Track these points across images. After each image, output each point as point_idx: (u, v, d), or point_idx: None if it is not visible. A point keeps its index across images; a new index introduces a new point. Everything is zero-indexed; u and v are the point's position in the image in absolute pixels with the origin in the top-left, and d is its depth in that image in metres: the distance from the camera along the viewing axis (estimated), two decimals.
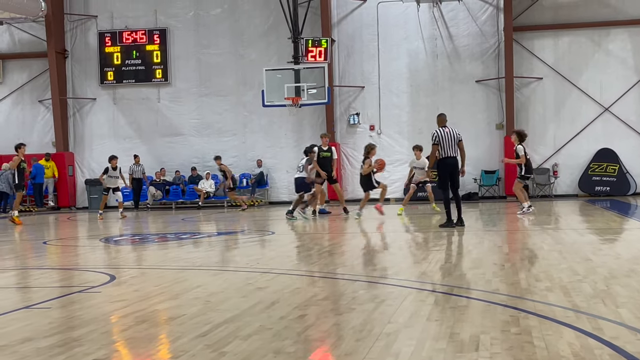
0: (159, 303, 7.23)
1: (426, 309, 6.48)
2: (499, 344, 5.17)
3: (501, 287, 7.51)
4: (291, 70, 23.75)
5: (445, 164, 15.06)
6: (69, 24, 30.05)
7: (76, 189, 30.02)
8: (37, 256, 12.81)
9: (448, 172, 15.11)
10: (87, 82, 30.10)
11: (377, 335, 5.52)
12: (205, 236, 15.84)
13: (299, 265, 10.25)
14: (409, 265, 9.80)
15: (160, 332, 6.08)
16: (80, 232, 19.22)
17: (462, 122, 25.02)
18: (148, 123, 29.78)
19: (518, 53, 27.42)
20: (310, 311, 6.56)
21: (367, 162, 19.29)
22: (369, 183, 19.45)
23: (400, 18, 28.11)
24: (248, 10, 28.98)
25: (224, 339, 5.53)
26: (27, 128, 30.33)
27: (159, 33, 29.36)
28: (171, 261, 11.40)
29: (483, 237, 13.50)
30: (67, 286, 8.90)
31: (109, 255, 12.46)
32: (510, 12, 27.03)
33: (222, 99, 29.22)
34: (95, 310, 6.93)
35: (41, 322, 6.41)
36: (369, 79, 28.42)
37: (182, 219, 21.88)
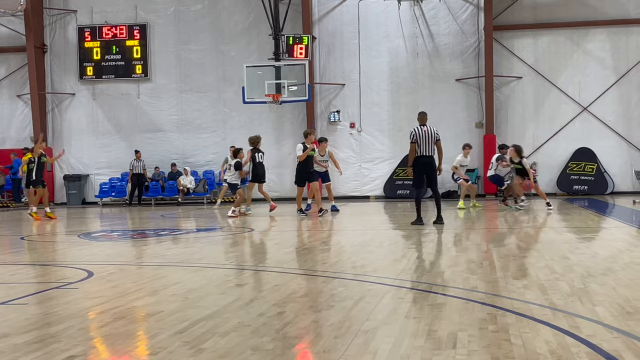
0: (137, 299, 7.21)
1: (404, 307, 6.50)
2: (476, 341, 5.19)
3: (479, 285, 7.54)
4: (272, 67, 23.74)
5: (421, 162, 15.12)
6: (48, 19, 29.84)
7: (54, 184, 29.83)
8: (14, 252, 12.72)
9: (424, 171, 15.19)
10: (66, 77, 29.91)
11: (356, 333, 5.53)
12: (184, 233, 15.80)
13: (278, 262, 10.24)
14: (388, 263, 9.82)
15: (138, 328, 6.06)
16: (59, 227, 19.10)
17: (442, 121, 25.12)
18: (128, 119, 29.64)
19: (498, 52, 27.55)
20: (289, 308, 6.56)
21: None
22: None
23: (381, 16, 28.15)
24: (228, 7, 28.91)
25: (202, 336, 5.52)
26: (5, 123, 30.11)
27: (139, 28, 29.22)
28: (150, 257, 11.36)
29: (461, 235, 13.55)
30: (44, 282, 8.85)
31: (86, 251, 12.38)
32: (490, 12, 27.15)
33: (202, 95, 29.13)
34: (73, 307, 6.89)
35: (18, 318, 6.37)
36: (349, 76, 28.45)
37: (161, 216, 21.80)
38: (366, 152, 28.43)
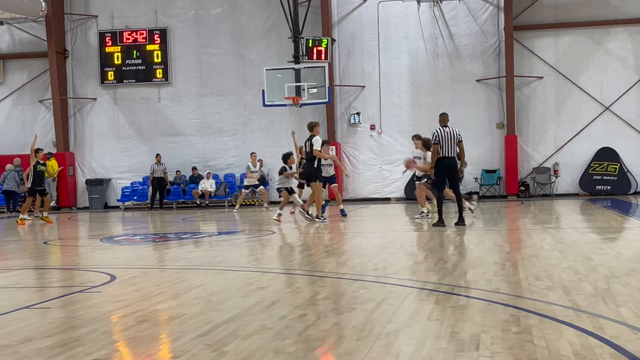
0: (160, 303, 7.23)
1: (427, 308, 6.47)
2: (499, 343, 5.16)
3: (502, 286, 7.50)
4: (292, 69, 23.74)
5: (444, 164, 15.06)
6: (69, 24, 30.04)
7: (77, 188, 30.01)
8: (38, 256, 12.81)
9: (446, 172, 15.12)
10: (87, 82, 30.09)
11: (378, 335, 5.52)
12: (205, 236, 15.84)
13: (299, 265, 10.24)
14: (410, 265, 9.79)
15: (160, 331, 6.08)
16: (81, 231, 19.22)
17: (462, 121, 25.00)
18: (149, 123, 29.78)
19: (518, 52, 27.42)
20: (311, 310, 6.55)
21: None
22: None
23: (401, 17, 28.11)
24: (248, 10, 28.98)
25: (225, 339, 5.53)
26: (27, 128, 30.33)
27: (159, 33, 29.35)
28: (172, 261, 11.40)
29: (484, 236, 13.49)
30: (68, 286, 8.90)
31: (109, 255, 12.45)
32: (511, 12, 27.03)
33: (223, 99, 29.21)
34: (96, 310, 6.92)
35: (41, 322, 6.41)
36: (369, 78, 28.42)
37: (182, 219, 21.87)
38: (387, 153, 28.38)
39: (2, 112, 30.46)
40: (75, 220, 23.64)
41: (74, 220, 23.64)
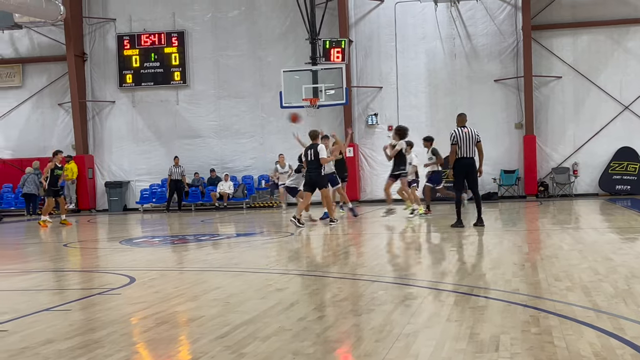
0: (179, 305, 7.26)
1: (446, 310, 6.46)
2: (519, 344, 5.14)
3: (521, 287, 7.48)
4: (309, 71, 23.74)
5: (462, 164, 15.01)
6: (88, 27, 30.20)
7: (96, 191, 30.16)
8: (57, 259, 12.89)
9: (464, 172, 15.07)
10: (106, 85, 30.24)
11: (397, 336, 5.51)
12: (224, 238, 15.88)
13: (318, 266, 10.25)
14: (428, 266, 9.77)
15: (180, 333, 6.10)
16: (100, 234, 19.32)
17: (481, 122, 24.88)
18: (167, 125, 29.88)
19: (537, 52, 27.29)
20: (329, 312, 6.56)
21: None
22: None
23: (418, 18, 28.04)
24: (265, 12, 29.01)
25: (243, 340, 5.54)
26: (47, 131, 30.52)
27: (177, 35, 29.45)
28: (190, 263, 11.44)
29: (502, 237, 13.44)
30: (88, 288, 8.95)
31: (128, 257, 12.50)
32: (529, 11, 26.90)
33: (240, 101, 29.26)
34: (115, 312, 6.96)
35: (62, 324, 6.45)
36: (386, 79, 28.37)
37: (201, 221, 21.93)
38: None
39: (22, 115, 30.65)
40: (94, 222, 23.77)
41: (94, 222, 23.77)
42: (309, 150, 17.39)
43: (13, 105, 30.55)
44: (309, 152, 17.35)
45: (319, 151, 17.19)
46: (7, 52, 30.74)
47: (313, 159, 17.22)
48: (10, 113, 30.58)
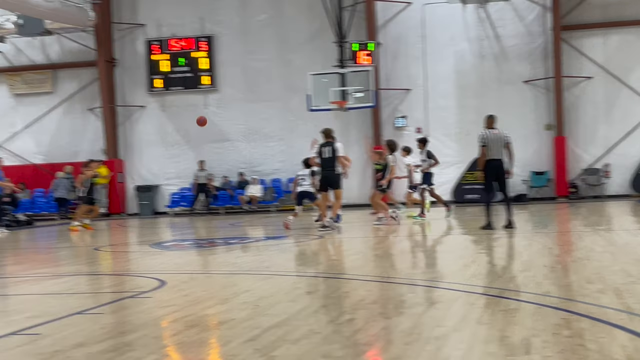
0: (209, 308, 7.29)
1: (476, 312, 6.42)
2: (550, 347, 5.10)
3: (552, 290, 7.41)
4: (337, 74, 23.77)
5: (491, 166, 14.93)
6: (117, 33, 30.44)
7: (126, 195, 30.39)
8: (88, 262, 13.00)
9: (494, 174, 14.98)
10: (135, 90, 30.46)
11: (427, 339, 5.49)
12: (253, 241, 15.91)
13: (347, 269, 10.24)
14: (458, 268, 9.73)
15: (210, 336, 6.13)
16: (131, 238, 19.46)
17: (510, 123, 24.69)
18: (196, 129, 29.87)
19: (566, 52, 27.07)
20: (359, 315, 6.55)
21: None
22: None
23: (446, 19, 27.93)
24: (293, 16, 29.06)
25: (273, 343, 5.55)
26: (77, 136, 30.80)
27: (205, 40, 29.59)
28: (220, 266, 11.48)
29: (533, 239, 13.34)
30: (118, 292, 9.01)
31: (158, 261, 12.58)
32: (558, 11, 26.70)
33: (269, 104, 29.32)
34: (146, 315, 7.00)
35: (93, 327, 6.50)
36: (415, 81, 28.29)
37: (230, 224, 22.01)
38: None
39: (53, 121, 30.97)
40: (125, 226, 23.95)
41: (124, 226, 23.95)
42: (324, 147, 16.81)
43: (44, 110, 30.87)
44: (324, 149, 16.77)
45: (337, 149, 16.75)
46: (38, 58, 31.09)
47: (330, 156, 16.70)
48: (42, 119, 30.92)
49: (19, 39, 30.38)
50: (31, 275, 11.02)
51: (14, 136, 30.97)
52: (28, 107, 31.10)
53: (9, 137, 30.98)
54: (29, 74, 30.91)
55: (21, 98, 31.16)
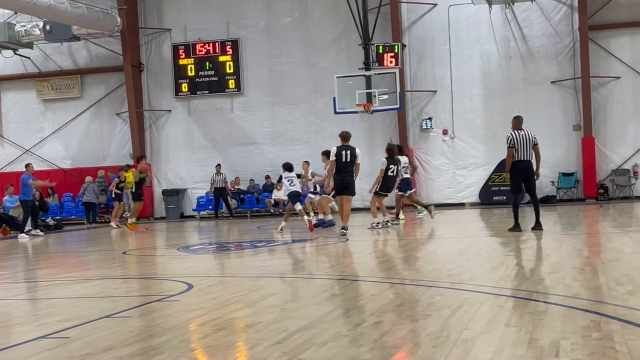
0: (236, 311, 7.30)
1: (504, 315, 6.38)
2: (579, 349, 5.05)
3: (581, 292, 7.35)
4: (362, 76, 23.75)
5: (519, 167, 14.83)
6: (144, 38, 30.65)
7: (153, 199, 30.57)
8: (117, 266, 13.09)
9: (522, 176, 14.89)
10: (162, 94, 30.65)
11: (454, 342, 5.46)
12: (280, 244, 15.93)
13: (373, 272, 10.22)
14: (486, 271, 9.67)
15: (237, 339, 6.14)
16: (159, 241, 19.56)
17: (538, 124, 24.61)
18: (222, 133, 30.14)
19: (594, 52, 26.85)
20: (386, 318, 6.53)
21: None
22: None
23: (472, 20, 27.83)
24: (318, 18, 29.10)
25: (300, 346, 5.55)
26: (105, 141, 31.06)
27: (231, 44, 29.71)
28: (247, 269, 11.50)
29: (562, 240, 13.24)
30: (147, 295, 9.06)
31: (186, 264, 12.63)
32: (585, 11, 26.49)
33: (294, 107, 29.37)
34: (174, 319, 7.03)
35: (122, 330, 6.54)
36: (441, 82, 28.21)
37: (257, 227, 22.05)
38: (460, 158, 28.11)
39: (81, 125, 31.24)
40: (152, 230, 24.08)
41: (152, 230, 24.08)
42: (344, 151, 16.42)
43: (72, 115, 31.17)
44: (344, 153, 16.38)
45: (357, 155, 16.47)
46: (66, 63, 31.39)
47: (349, 160, 16.39)
48: (70, 123, 31.21)
49: (47, 45, 30.71)
50: (61, 279, 11.12)
51: (42, 141, 31.29)
52: (56, 112, 31.43)
53: (37, 142, 31.30)
54: (57, 79, 31.24)
55: (49, 103, 31.49)
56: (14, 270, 13.63)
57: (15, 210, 25.46)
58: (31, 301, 9.28)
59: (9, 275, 12.65)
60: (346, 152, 16.36)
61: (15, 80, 31.64)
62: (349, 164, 16.37)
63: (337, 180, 16.46)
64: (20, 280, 11.61)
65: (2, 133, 31.77)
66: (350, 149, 16.45)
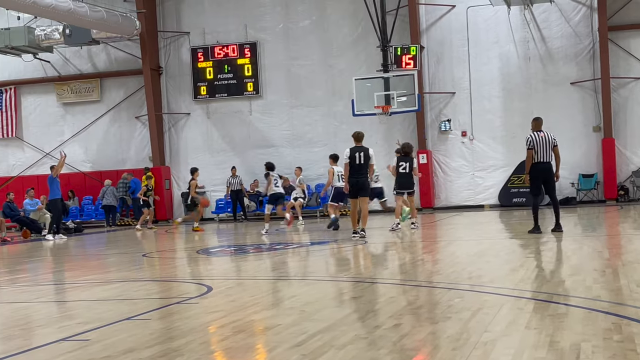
0: (255, 313, 7.32)
1: (524, 317, 6.35)
2: (601, 352, 5.02)
3: (602, 294, 7.30)
4: (380, 78, 23.72)
5: (539, 169, 14.76)
6: (163, 41, 30.78)
7: (173, 202, 30.67)
8: (136, 268, 13.14)
9: (541, 177, 14.82)
10: (181, 98, 30.75)
11: (474, 344, 5.44)
12: (298, 246, 15.94)
13: (392, 274, 10.20)
14: (506, 273, 9.63)
15: (256, 342, 6.15)
16: (178, 244, 19.63)
17: (558, 125, 24.44)
18: (241, 136, 30.19)
19: (614, 53, 26.67)
20: (405, 320, 6.52)
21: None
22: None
23: (491, 22, 27.73)
24: (336, 21, 29.09)
25: (320, 349, 5.55)
26: (124, 144, 31.19)
27: (249, 47, 29.77)
28: (266, 271, 11.52)
29: (582, 242, 13.16)
30: (166, 297, 9.10)
31: (205, 267, 12.67)
32: (605, 12, 26.31)
33: (313, 110, 29.39)
34: (194, 321, 7.05)
35: (142, 333, 6.57)
36: (459, 84, 28.12)
37: (275, 230, 22.08)
38: (479, 160, 28.01)
39: (100, 129, 31.40)
40: (171, 232, 24.16)
41: (171, 232, 24.17)
42: (357, 152, 16.20)
43: (92, 119, 31.33)
44: (357, 155, 16.15)
45: (371, 156, 16.26)
46: (85, 67, 31.57)
47: (363, 162, 16.14)
48: (89, 127, 31.37)
49: (66, 49, 30.92)
50: (81, 282, 11.19)
51: (62, 144, 31.47)
52: (76, 115, 31.62)
53: (57, 146, 31.48)
54: (76, 83, 31.42)
55: (69, 107, 31.68)
56: (35, 272, 13.74)
57: (36, 213, 25.66)
58: (52, 304, 9.34)
59: (30, 277, 12.75)
60: (359, 154, 16.14)
61: (36, 84, 31.85)
62: (362, 165, 16.15)
63: (351, 183, 16.26)
64: (41, 282, 11.69)
65: (23, 136, 32.00)
66: (363, 150, 16.23)
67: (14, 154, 32.23)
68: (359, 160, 16.08)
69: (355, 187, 16.21)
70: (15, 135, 31.90)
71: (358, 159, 16.10)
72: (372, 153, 16.36)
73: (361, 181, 16.18)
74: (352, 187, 16.27)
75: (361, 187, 16.21)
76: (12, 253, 19.05)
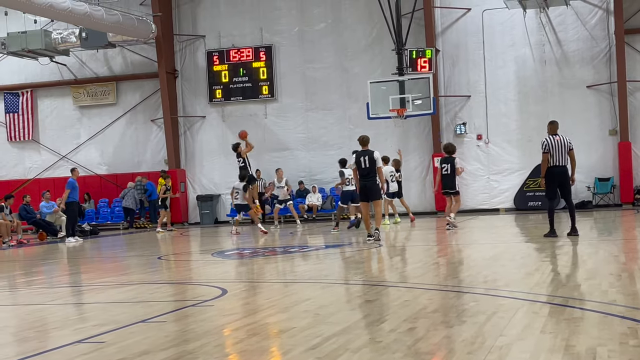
0: (270, 316, 7.32)
1: (540, 321, 6.33)
2: (616, 356, 5.00)
3: (618, 298, 7.26)
4: (396, 81, 23.71)
5: (555, 172, 14.71)
6: (178, 45, 30.87)
7: (188, 204, 30.74)
8: (152, 271, 13.18)
9: (557, 181, 14.76)
10: (196, 101, 30.83)
11: (489, 348, 5.43)
12: (313, 249, 15.94)
13: (407, 278, 10.18)
14: (521, 277, 9.59)
15: (271, 345, 6.15)
16: (193, 247, 19.68)
17: (574, 129, 24.33)
18: (255, 139, 30.10)
19: (630, 56, 26.53)
20: (420, 324, 6.51)
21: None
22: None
23: (506, 25, 27.64)
24: (352, 24, 29.09)
25: (334, 352, 5.55)
26: (140, 147, 31.30)
27: (264, 50, 29.82)
28: (280, 274, 11.52)
29: (598, 246, 13.09)
30: (181, 300, 9.12)
31: (220, 269, 12.69)
32: (621, 15, 26.17)
33: (328, 113, 29.39)
34: (209, 324, 7.07)
35: (157, 335, 6.59)
36: (475, 87, 28.05)
37: (290, 233, 22.09)
38: (494, 163, 27.92)
39: (117, 132, 31.53)
40: (187, 235, 24.23)
41: (186, 235, 24.23)
42: (362, 157, 16.26)
43: (108, 122, 31.46)
44: (362, 159, 16.22)
45: (376, 159, 16.25)
46: (101, 70, 31.72)
47: (368, 166, 16.17)
48: (106, 130, 31.50)
49: (82, 52, 31.07)
50: (97, 284, 11.24)
51: (78, 147, 31.63)
52: (92, 118, 31.76)
53: (73, 149, 31.65)
54: (92, 86, 31.57)
55: (85, 110, 31.83)
56: (51, 275, 13.81)
57: (52, 216, 25.79)
58: (68, 306, 9.38)
59: (46, 280, 12.81)
60: (364, 158, 16.20)
61: (52, 87, 32.03)
62: (368, 169, 16.20)
63: (360, 186, 16.42)
64: (57, 285, 11.74)
65: (39, 139, 32.17)
66: (368, 153, 16.26)
67: (30, 157, 32.41)
68: (365, 164, 16.18)
69: (363, 190, 16.34)
70: (32, 138, 32.07)
71: (363, 162, 16.21)
72: (377, 156, 16.33)
73: (369, 184, 16.24)
74: (361, 191, 16.45)
75: (370, 192, 16.28)
76: (28, 255, 19.16)
